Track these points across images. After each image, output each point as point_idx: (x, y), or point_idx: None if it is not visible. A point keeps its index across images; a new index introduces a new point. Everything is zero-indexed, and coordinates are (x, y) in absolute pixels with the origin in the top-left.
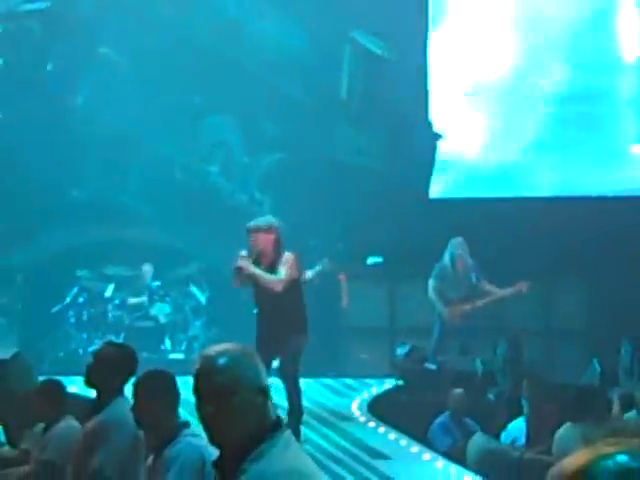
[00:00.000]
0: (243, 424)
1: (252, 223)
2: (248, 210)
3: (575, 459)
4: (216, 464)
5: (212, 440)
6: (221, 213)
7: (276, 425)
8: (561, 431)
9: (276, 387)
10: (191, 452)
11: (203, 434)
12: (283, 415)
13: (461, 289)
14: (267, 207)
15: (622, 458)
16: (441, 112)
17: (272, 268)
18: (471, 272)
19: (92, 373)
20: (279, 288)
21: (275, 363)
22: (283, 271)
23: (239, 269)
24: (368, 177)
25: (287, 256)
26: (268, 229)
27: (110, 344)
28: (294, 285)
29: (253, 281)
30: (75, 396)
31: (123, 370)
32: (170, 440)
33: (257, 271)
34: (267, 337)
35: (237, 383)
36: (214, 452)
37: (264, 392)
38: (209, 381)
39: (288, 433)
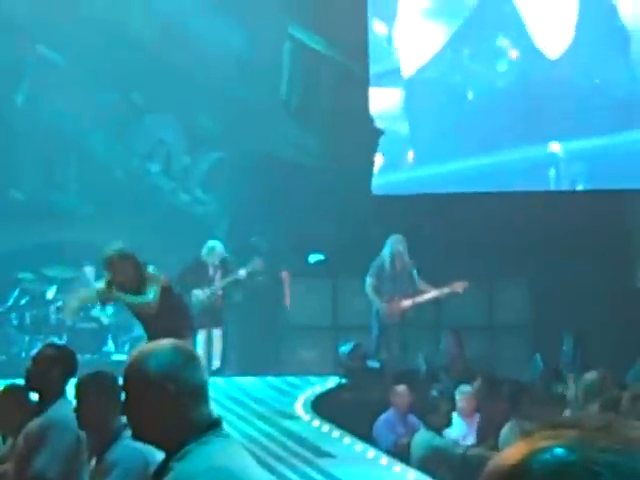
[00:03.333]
0: (162, 423)
1: (104, 255)
2: (190, 209)
3: (510, 453)
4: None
5: (133, 437)
6: (162, 212)
7: (210, 425)
8: (505, 428)
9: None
10: (133, 454)
11: None
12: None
13: (400, 286)
14: (209, 206)
15: (559, 451)
16: (382, 107)
17: (139, 291)
18: (411, 269)
19: (32, 376)
20: (152, 310)
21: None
22: (152, 291)
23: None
24: (310, 174)
25: (154, 276)
26: (121, 257)
27: (49, 346)
28: (173, 310)
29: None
30: None
31: (63, 371)
32: (112, 442)
33: (125, 296)
34: None
35: (154, 381)
36: (157, 454)
37: (191, 392)
38: (129, 379)
39: (225, 433)
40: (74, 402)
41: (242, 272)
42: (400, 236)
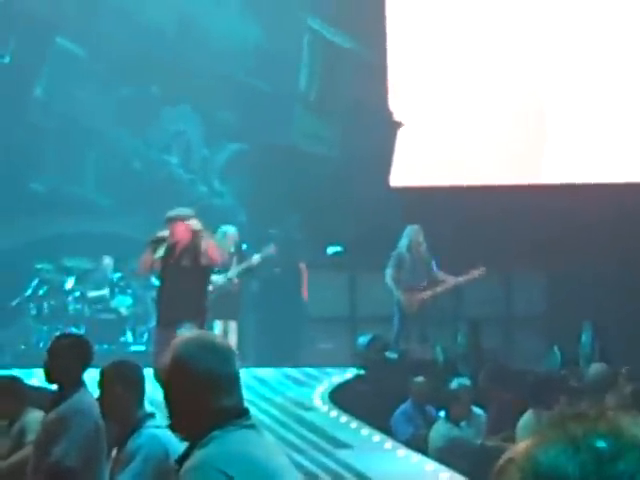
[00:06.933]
0: (186, 412)
1: (172, 212)
2: (208, 201)
3: (517, 448)
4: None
5: (171, 429)
6: (181, 204)
7: (236, 415)
8: (523, 419)
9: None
10: (154, 444)
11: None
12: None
13: (419, 277)
14: (227, 197)
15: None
16: (401, 100)
17: (186, 252)
18: (430, 259)
19: (49, 369)
20: (221, 259)
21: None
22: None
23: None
24: (328, 166)
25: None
26: (177, 219)
27: (62, 337)
28: (205, 269)
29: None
30: (37, 389)
31: (79, 360)
32: (134, 431)
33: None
34: (166, 318)
35: (184, 371)
36: (178, 444)
37: (215, 381)
38: (166, 369)
39: (251, 424)
40: (95, 391)
41: (256, 257)
42: (417, 226)
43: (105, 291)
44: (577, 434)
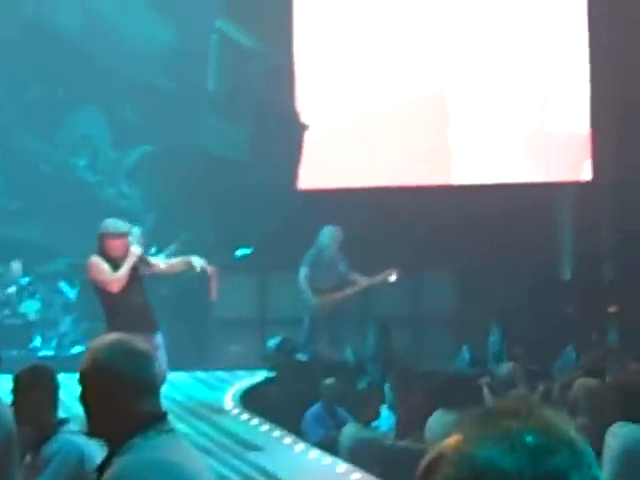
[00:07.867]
0: (104, 416)
1: (122, 228)
2: (116, 204)
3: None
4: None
5: (89, 433)
6: (89, 207)
7: (154, 420)
8: (432, 418)
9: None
10: (70, 449)
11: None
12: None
13: (331, 278)
14: (135, 200)
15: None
16: (308, 103)
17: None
18: (340, 261)
19: None
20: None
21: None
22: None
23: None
24: (237, 168)
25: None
26: (128, 234)
27: None
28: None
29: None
30: None
31: None
32: (49, 437)
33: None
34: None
35: (106, 374)
36: (94, 450)
37: (134, 386)
38: (82, 373)
39: (169, 428)
40: (9, 397)
41: (161, 256)
42: (336, 227)
43: (13, 294)
44: (510, 429)
